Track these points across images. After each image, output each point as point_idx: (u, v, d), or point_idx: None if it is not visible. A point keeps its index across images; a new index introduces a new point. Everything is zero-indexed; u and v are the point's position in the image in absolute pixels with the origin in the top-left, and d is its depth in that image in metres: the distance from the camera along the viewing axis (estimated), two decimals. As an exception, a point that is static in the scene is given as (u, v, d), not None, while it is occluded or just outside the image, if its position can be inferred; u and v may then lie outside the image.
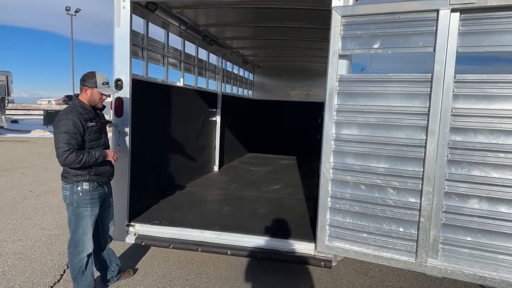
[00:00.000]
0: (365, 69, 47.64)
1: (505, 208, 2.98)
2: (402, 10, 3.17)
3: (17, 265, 4.21)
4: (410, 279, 4.15)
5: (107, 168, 3.40)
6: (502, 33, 2.92)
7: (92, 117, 3.26)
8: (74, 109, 3.19)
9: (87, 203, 3.27)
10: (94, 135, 3.26)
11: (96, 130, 3.29)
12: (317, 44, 7.02)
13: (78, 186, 3.23)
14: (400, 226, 3.31)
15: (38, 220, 5.79)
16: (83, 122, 3.15)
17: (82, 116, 3.16)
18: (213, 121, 7.43)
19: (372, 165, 3.38)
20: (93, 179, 3.28)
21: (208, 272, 4.17)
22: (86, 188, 3.25)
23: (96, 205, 3.35)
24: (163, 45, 5.34)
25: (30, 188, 7.80)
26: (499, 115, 2.95)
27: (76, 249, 3.34)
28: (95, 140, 3.27)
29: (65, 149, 3.02)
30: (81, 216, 3.28)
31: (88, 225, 3.32)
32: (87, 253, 3.36)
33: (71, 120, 3.08)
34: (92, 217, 3.34)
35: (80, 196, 3.24)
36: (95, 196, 3.32)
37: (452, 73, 3.04)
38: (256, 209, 4.83)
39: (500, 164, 2.97)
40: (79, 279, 3.39)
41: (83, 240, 3.33)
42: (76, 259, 3.35)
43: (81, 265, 3.36)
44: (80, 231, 3.30)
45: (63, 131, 3.04)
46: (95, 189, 3.31)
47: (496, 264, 3.03)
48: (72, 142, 3.05)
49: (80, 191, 3.23)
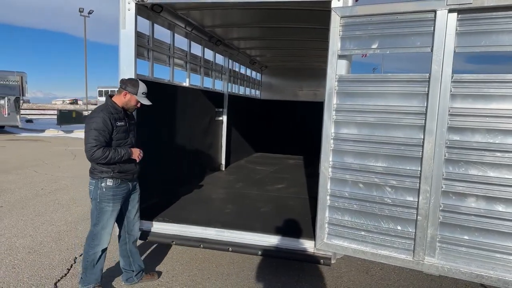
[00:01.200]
0: (377, 68, 47.26)
1: (502, 207, 2.99)
2: (400, 10, 3.20)
3: (26, 259, 4.35)
4: (411, 278, 4.17)
5: (132, 166, 3.50)
6: (500, 33, 2.93)
7: (122, 117, 3.41)
8: (105, 108, 3.37)
9: (110, 199, 3.41)
10: (122, 134, 3.40)
11: (124, 129, 3.42)
12: (324, 45, 7.03)
13: (103, 182, 3.37)
14: (398, 225, 3.35)
15: (48, 216, 5.95)
16: (113, 121, 3.30)
17: (112, 116, 3.32)
18: (220, 120, 7.52)
19: (370, 164, 3.42)
20: (117, 176, 3.40)
21: (211, 269, 4.26)
22: (109, 184, 3.38)
23: (118, 201, 3.47)
24: (169, 46, 5.44)
25: (42, 186, 8.00)
26: (496, 115, 2.96)
27: (93, 241, 3.48)
28: (123, 139, 3.41)
29: (93, 145, 3.20)
30: (103, 211, 3.42)
31: (108, 220, 3.45)
32: (102, 247, 3.49)
33: (102, 118, 3.25)
34: (114, 213, 3.47)
35: (104, 191, 3.38)
36: (118, 193, 3.44)
37: (449, 73, 3.06)
38: (258, 207, 4.90)
39: (497, 163, 2.98)
40: (89, 271, 3.51)
41: (101, 234, 3.46)
42: (91, 251, 3.48)
43: (94, 258, 3.49)
44: (100, 225, 3.44)
45: (93, 128, 3.23)
46: (119, 186, 3.43)
47: (493, 262, 3.05)
48: (100, 139, 3.22)
49: (104, 187, 3.37)
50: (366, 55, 3.88)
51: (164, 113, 5.30)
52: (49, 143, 16.36)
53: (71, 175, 9.24)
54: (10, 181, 8.35)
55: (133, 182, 3.61)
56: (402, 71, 12.44)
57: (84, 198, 7.11)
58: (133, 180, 3.60)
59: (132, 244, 3.77)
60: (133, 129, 3.58)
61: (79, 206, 6.55)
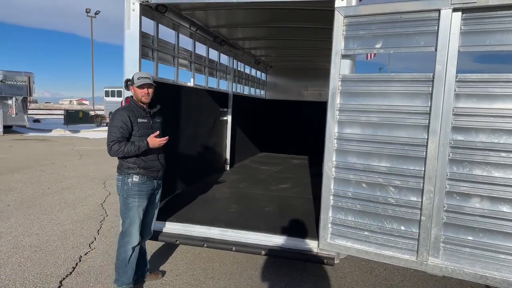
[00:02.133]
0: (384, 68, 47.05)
1: (507, 207, 2.96)
2: (403, 10, 3.19)
3: (32, 258, 4.40)
4: (415, 278, 4.15)
5: (156, 163, 3.54)
6: (504, 32, 2.91)
7: (144, 115, 3.49)
8: (127, 106, 3.51)
9: (135, 194, 3.46)
10: (144, 131, 3.44)
11: (147, 126, 3.48)
12: (329, 44, 7.03)
13: (129, 178, 3.45)
14: (402, 225, 3.33)
15: (54, 215, 6.01)
16: (133, 118, 3.39)
17: (133, 113, 3.42)
18: (224, 120, 7.53)
19: (374, 164, 3.40)
20: (143, 173, 3.47)
21: (214, 268, 4.27)
22: (136, 180, 3.45)
23: (144, 197, 3.52)
24: (173, 46, 5.47)
25: (48, 185, 8.08)
26: (501, 115, 2.94)
27: (123, 239, 3.52)
28: (145, 135, 3.43)
29: (111, 140, 3.32)
30: (129, 206, 3.47)
31: (135, 216, 3.49)
32: (132, 244, 3.52)
33: (121, 115, 3.37)
34: (140, 208, 3.51)
35: (130, 187, 3.45)
36: (143, 189, 3.50)
37: (453, 73, 3.04)
38: (262, 207, 4.90)
39: (502, 164, 2.96)
40: (121, 270, 3.54)
41: (130, 231, 3.50)
42: (122, 248, 3.52)
43: (125, 256, 3.51)
44: (127, 221, 3.49)
45: (113, 125, 3.36)
46: (144, 182, 3.49)
47: (497, 263, 3.02)
48: (118, 135, 3.32)
49: (130, 182, 3.44)
50: (374, 55, 3.87)
51: (169, 113, 5.32)
52: (56, 143, 16.50)
53: (77, 175, 9.32)
54: (17, 180, 8.44)
55: (158, 180, 3.65)
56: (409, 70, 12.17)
57: (90, 197, 7.17)
58: (157, 178, 3.63)
59: (143, 242, 3.79)
60: (158, 127, 3.62)
61: (84, 206, 6.60)
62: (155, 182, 3.61)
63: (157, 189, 3.69)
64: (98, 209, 6.43)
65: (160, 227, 4.19)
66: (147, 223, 3.72)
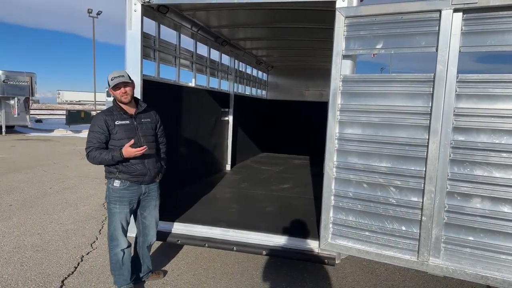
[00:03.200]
0: (385, 68, 46.99)
1: (508, 208, 2.97)
2: (404, 10, 3.19)
3: (34, 257, 4.42)
4: (416, 278, 4.15)
5: (139, 167, 3.35)
6: (505, 32, 2.91)
7: (126, 116, 3.33)
8: (108, 109, 3.39)
9: (116, 201, 3.37)
10: (124, 133, 3.28)
11: (129, 128, 3.31)
12: (330, 45, 7.06)
13: (110, 183, 3.38)
14: (402, 225, 3.34)
15: (56, 215, 6.02)
16: (110, 121, 3.26)
17: (112, 116, 3.29)
18: (226, 120, 7.54)
19: (374, 164, 3.41)
20: (124, 178, 3.34)
21: (216, 268, 4.28)
22: (116, 186, 3.35)
23: (125, 204, 3.38)
24: (175, 46, 5.48)
25: (50, 185, 8.10)
26: (501, 115, 2.94)
27: (111, 242, 3.48)
28: (126, 138, 3.26)
29: (88, 146, 3.27)
30: (111, 212, 3.41)
31: (117, 221, 3.40)
32: (121, 247, 3.45)
33: (98, 120, 3.28)
34: (121, 215, 3.39)
35: (111, 193, 3.38)
36: (125, 195, 3.37)
37: (454, 73, 3.05)
38: (263, 207, 4.91)
39: (503, 164, 2.96)
40: (117, 272, 3.53)
41: (115, 235, 3.44)
42: (112, 252, 3.50)
43: (117, 259, 3.48)
44: (111, 226, 3.43)
45: (90, 130, 3.30)
46: (127, 188, 3.36)
47: (498, 264, 3.03)
48: (94, 141, 3.24)
49: (111, 188, 3.37)
50: (374, 55, 3.88)
51: (171, 113, 5.34)
52: (57, 143, 16.54)
53: (79, 175, 9.34)
54: (19, 180, 8.46)
55: (147, 185, 3.48)
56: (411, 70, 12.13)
57: (91, 197, 7.19)
58: (145, 183, 3.45)
59: (146, 248, 3.77)
60: (148, 127, 3.45)
61: (86, 206, 6.62)
62: (142, 187, 3.45)
63: (148, 194, 3.53)
64: (100, 209, 6.44)
65: (162, 226, 4.20)
66: (147, 230, 3.67)
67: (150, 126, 3.50)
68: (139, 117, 3.43)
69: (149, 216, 3.64)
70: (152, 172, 3.46)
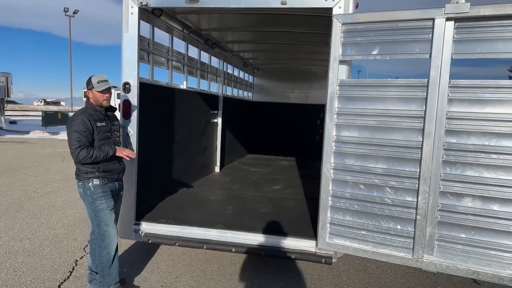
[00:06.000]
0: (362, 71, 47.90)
1: (497, 206, 3.13)
2: (400, 18, 3.33)
3: (27, 263, 4.34)
4: (407, 275, 4.31)
5: (116, 165, 3.57)
6: (494, 40, 3.08)
7: (102, 118, 3.48)
8: (85, 110, 3.45)
9: (101, 196, 3.45)
10: (104, 135, 3.45)
11: (106, 130, 3.49)
12: (315, 48, 7.21)
13: (89, 182, 3.42)
14: (398, 224, 3.47)
15: (44, 219, 5.91)
16: (92, 122, 3.36)
17: (92, 117, 3.38)
18: (215, 122, 7.57)
19: (371, 165, 3.53)
20: (102, 176, 3.45)
21: (213, 269, 4.32)
22: (97, 183, 3.43)
23: (109, 197, 3.53)
24: (167, 49, 5.49)
25: (34, 189, 7.91)
26: (491, 118, 3.10)
27: (103, 242, 3.50)
28: (105, 139, 3.46)
29: (77, 146, 3.26)
30: (98, 209, 3.46)
31: (107, 216, 3.48)
32: (114, 244, 3.53)
33: (81, 120, 3.32)
34: (109, 208, 3.50)
35: (93, 191, 3.43)
36: (107, 189, 3.50)
37: (447, 78, 3.20)
38: (258, 208, 4.97)
39: (492, 165, 3.13)
40: (106, 272, 3.53)
41: (108, 232, 3.50)
42: (104, 251, 3.50)
43: (109, 258, 3.51)
44: (102, 223, 3.48)
45: (74, 130, 3.29)
46: (105, 184, 3.49)
47: (488, 259, 3.19)
48: (83, 140, 3.28)
49: (91, 186, 3.42)
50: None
51: (164, 115, 5.35)
52: (35, 145, 16.11)
53: (62, 178, 9.15)
54: (0, 184, 8.22)
55: (119, 182, 3.67)
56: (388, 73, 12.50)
57: (78, 200, 7.05)
58: (118, 180, 3.65)
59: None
60: (117, 129, 3.66)
61: (74, 209, 6.52)
62: (116, 183, 3.62)
63: (120, 190, 3.71)
64: (89, 212, 6.35)
65: (158, 229, 4.21)
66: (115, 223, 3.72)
67: (119, 128, 3.72)
68: (111, 119, 3.60)
69: (117, 212, 3.74)
70: (124, 169, 3.70)
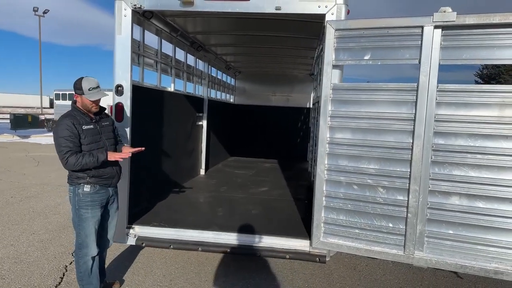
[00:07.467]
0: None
1: (482, 203, 3.33)
2: (390, 25, 3.49)
3: (14, 269, 4.21)
4: (395, 272, 4.48)
5: (109, 170, 3.40)
6: (478, 48, 3.29)
7: (89, 121, 3.33)
8: (69, 114, 3.30)
9: (88, 206, 3.33)
10: (92, 138, 3.29)
11: (94, 132, 3.33)
12: (298, 52, 7.36)
13: (80, 188, 3.30)
14: (390, 222, 3.62)
15: (26, 225, 5.73)
16: (78, 125, 3.22)
17: (77, 120, 3.24)
18: (200, 125, 7.57)
19: (363, 166, 3.67)
20: (94, 182, 3.32)
21: (207, 271, 4.34)
22: (87, 190, 3.31)
23: (97, 207, 3.38)
24: (156, 51, 5.47)
25: (10, 194, 7.64)
26: (476, 121, 3.30)
27: (80, 250, 3.40)
28: (94, 142, 3.30)
29: (64, 152, 3.13)
30: (82, 218, 3.34)
31: (89, 227, 3.36)
32: (92, 255, 3.41)
33: (65, 124, 3.18)
34: (94, 219, 3.38)
35: (81, 198, 3.31)
36: (96, 198, 3.36)
37: (435, 83, 3.38)
38: (249, 210, 5.03)
39: (477, 165, 3.32)
40: (85, 281, 3.45)
41: (87, 242, 3.38)
42: (81, 260, 3.41)
43: (86, 267, 3.41)
44: (82, 233, 3.37)
45: (59, 136, 3.16)
46: (97, 191, 3.36)
47: (475, 254, 3.38)
48: (69, 145, 3.15)
49: (81, 193, 3.30)
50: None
51: (155, 118, 5.32)
52: (6, 149, 15.52)
53: (39, 182, 8.88)
54: (-26, 190, 7.90)
55: (113, 187, 3.54)
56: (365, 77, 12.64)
57: (60, 205, 6.89)
58: (112, 186, 3.52)
59: (105, 251, 3.73)
60: (108, 130, 3.50)
61: (56, 214, 6.35)
62: (109, 190, 3.49)
63: (113, 196, 3.57)
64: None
65: (152, 233, 4.19)
66: (105, 232, 3.62)
67: (110, 129, 3.56)
68: (100, 121, 3.46)
69: (112, 220, 3.65)
70: (119, 174, 3.56)
